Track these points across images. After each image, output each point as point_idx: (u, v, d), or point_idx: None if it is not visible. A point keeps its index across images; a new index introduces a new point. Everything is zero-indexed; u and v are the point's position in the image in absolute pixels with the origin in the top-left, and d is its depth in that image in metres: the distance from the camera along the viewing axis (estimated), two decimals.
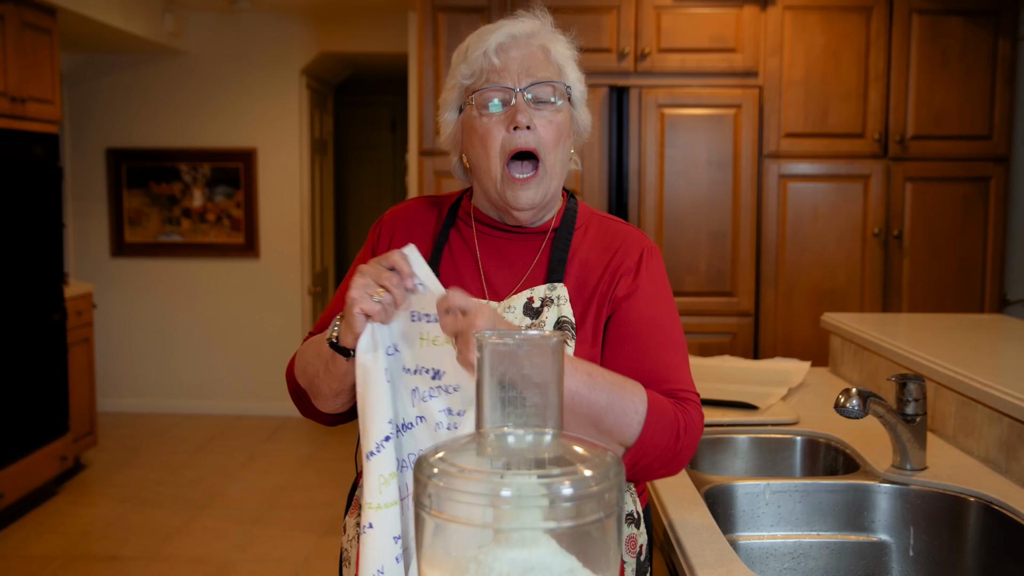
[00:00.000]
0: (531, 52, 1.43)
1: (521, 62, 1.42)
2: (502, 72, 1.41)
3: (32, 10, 4.59)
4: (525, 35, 1.44)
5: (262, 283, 6.60)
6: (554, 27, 1.50)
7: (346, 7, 6.15)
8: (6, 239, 4.44)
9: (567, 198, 1.55)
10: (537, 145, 1.41)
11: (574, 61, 1.50)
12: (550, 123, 1.42)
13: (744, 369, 2.68)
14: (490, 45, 1.42)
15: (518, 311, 1.41)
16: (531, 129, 1.40)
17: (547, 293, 1.41)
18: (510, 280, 1.46)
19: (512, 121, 1.40)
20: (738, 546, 1.77)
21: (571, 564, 0.86)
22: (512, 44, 1.43)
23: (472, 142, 1.45)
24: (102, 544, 4.28)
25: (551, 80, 1.43)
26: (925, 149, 4.03)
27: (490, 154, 1.42)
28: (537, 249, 1.48)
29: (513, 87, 1.41)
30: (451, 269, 1.49)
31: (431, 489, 0.86)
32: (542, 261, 1.47)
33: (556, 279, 1.43)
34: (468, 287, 1.46)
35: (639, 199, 4.00)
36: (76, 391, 5.12)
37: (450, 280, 1.47)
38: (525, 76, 1.41)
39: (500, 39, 1.42)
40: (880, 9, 3.98)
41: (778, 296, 4.05)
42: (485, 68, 1.42)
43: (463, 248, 1.51)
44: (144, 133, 6.52)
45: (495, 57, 1.41)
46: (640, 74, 3.99)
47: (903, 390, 1.83)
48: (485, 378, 0.92)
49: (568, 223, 1.50)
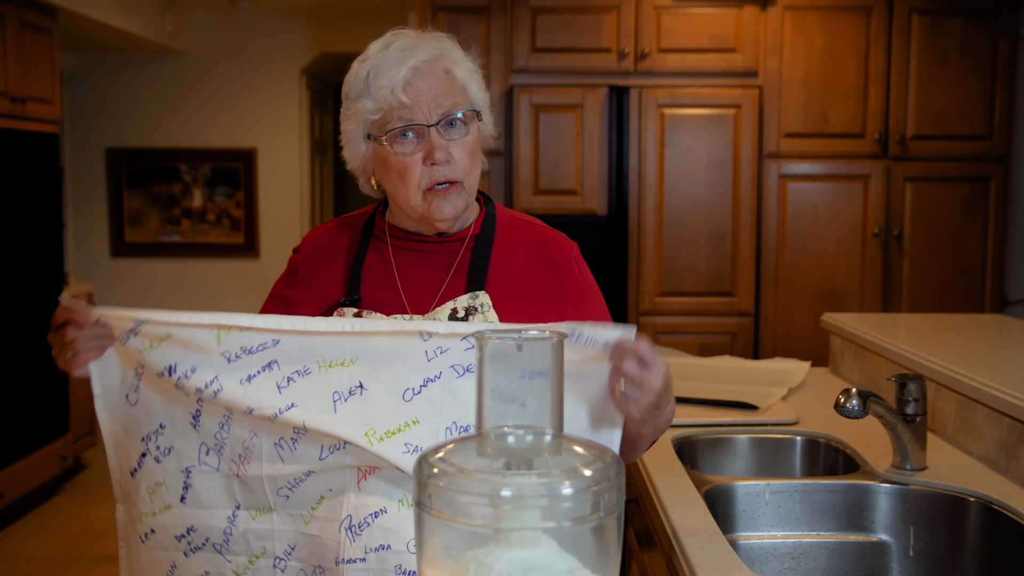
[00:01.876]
0: (437, 80, 1.41)
1: (429, 93, 1.40)
2: (413, 108, 1.39)
3: (32, 10, 4.59)
4: (428, 63, 1.41)
5: (262, 283, 6.59)
6: (449, 39, 1.47)
7: (346, 7, 6.15)
8: (6, 239, 4.44)
9: (484, 203, 1.55)
10: (454, 175, 1.42)
11: (476, 72, 1.48)
12: (463, 147, 1.43)
13: (744, 369, 2.68)
14: (397, 82, 1.38)
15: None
16: (449, 162, 1.41)
17: (470, 302, 1.41)
18: (429, 291, 1.46)
19: (430, 158, 1.40)
20: (738, 546, 1.77)
21: (571, 564, 0.86)
22: (416, 76, 1.39)
23: (388, 174, 1.45)
24: (102, 544, 4.28)
25: (460, 108, 1.42)
26: (925, 149, 4.03)
27: (409, 188, 1.42)
28: (454, 258, 1.48)
29: (426, 122, 1.40)
30: (370, 289, 1.48)
31: (431, 489, 0.86)
32: (461, 270, 1.47)
33: (477, 287, 1.43)
34: (388, 304, 1.45)
35: (639, 199, 4.00)
36: (76, 391, 5.12)
37: (369, 302, 1.46)
38: (436, 108, 1.40)
39: (406, 75, 1.39)
40: (880, 9, 3.98)
41: (778, 296, 4.05)
42: (393, 105, 1.39)
43: (379, 265, 1.51)
44: (144, 133, 6.52)
45: (403, 95, 1.38)
46: (640, 74, 3.99)
47: (903, 390, 1.83)
48: (485, 378, 0.92)
49: (488, 230, 1.50)
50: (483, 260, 1.46)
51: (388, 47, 1.42)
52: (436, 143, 1.40)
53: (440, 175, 1.41)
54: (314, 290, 1.52)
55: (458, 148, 1.42)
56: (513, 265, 1.47)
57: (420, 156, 1.41)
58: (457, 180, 1.42)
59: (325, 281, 1.52)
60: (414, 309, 1.45)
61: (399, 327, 1.28)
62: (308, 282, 1.54)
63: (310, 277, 1.54)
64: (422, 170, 1.41)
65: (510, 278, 1.46)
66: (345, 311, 1.45)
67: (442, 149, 1.40)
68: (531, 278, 1.46)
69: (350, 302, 1.46)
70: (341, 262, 1.53)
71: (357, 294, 1.47)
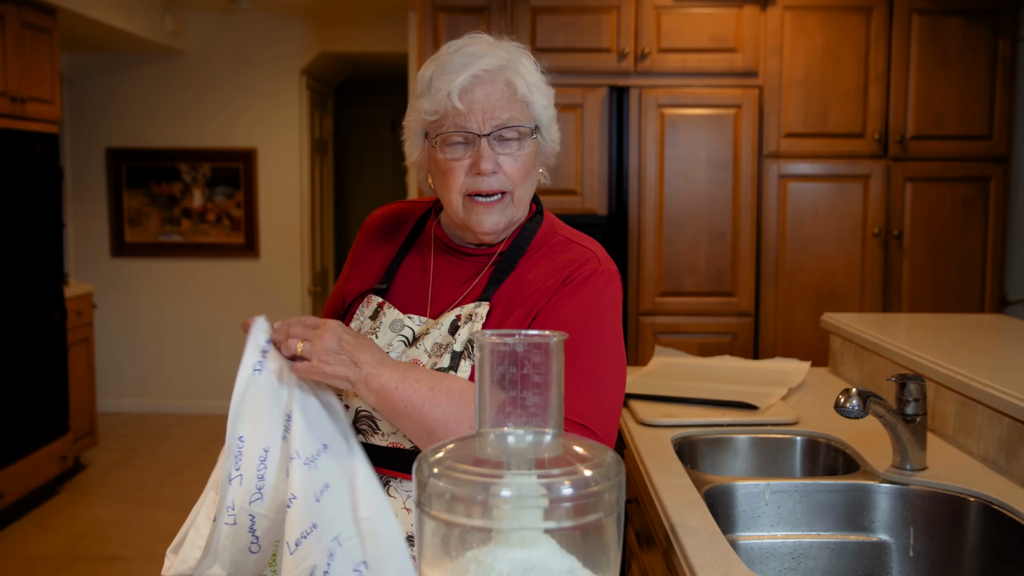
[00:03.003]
0: (496, 91, 1.39)
1: (485, 103, 1.38)
2: (467, 116, 1.38)
3: (32, 10, 4.59)
4: (490, 73, 1.39)
5: (262, 283, 6.60)
6: (521, 49, 1.45)
7: (346, 7, 6.15)
8: (6, 239, 4.44)
9: (533, 214, 1.52)
10: (502, 186, 1.41)
11: (542, 85, 1.45)
12: (515, 160, 1.41)
13: (744, 369, 2.68)
14: (455, 87, 1.37)
15: (444, 329, 1.41)
16: (496, 174, 1.40)
17: (472, 311, 1.41)
18: (453, 298, 1.47)
19: (476, 167, 1.39)
20: (738, 546, 1.77)
21: (571, 564, 0.86)
22: (476, 84, 1.38)
23: (436, 175, 1.46)
24: (102, 544, 4.28)
25: (517, 122, 1.40)
26: (925, 149, 4.03)
27: (452, 192, 1.42)
28: (483, 267, 1.48)
29: (477, 131, 1.39)
30: (404, 284, 1.51)
31: (431, 489, 0.86)
32: (482, 281, 1.47)
33: (484, 298, 1.43)
34: (411, 301, 1.48)
35: (639, 199, 4.00)
36: (76, 391, 5.12)
37: (398, 296, 1.50)
38: (490, 119, 1.39)
39: (464, 81, 1.37)
40: (880, 9, 3.98)
41: (778, 296, 4.05)
42: (449, 109, 1.39)
43: (419, 263, 1.53)
44: (144, 133, 6.52)
45: (458, 101, 1.38)
46: (640, 74, 3.99)
47: (903, 390, 1.83)
48: (485, 378, 0.92)
49: (520, 244, 1.48)
50: (503, 273, 1.45)
51: (458, 51, 1.41)
52: (484, 153, 1.39)
53: (484, 185, 1.40)
54: (361, 271, 1.58)
55: (509, 161, 1.41)
56: (534, 280, 1.44)
57: (467, 163, 1.40)
58: (504, 191, 1.42)
59: (371, 263, 1.58)
60: (435, 313, 1.46)
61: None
62: (359, 260, 1.60)
63: (361, 256, 1.61)
64: (466, 177, 1.41)
65: (522, 292, 1.43)
66: (372, 298, 1.50)
67: (489, 160, 1.39)
68: (542, 292, 1.43)
69: (378, 291, 1.50)
70: (387, 249, 1.57)
71: (387, 284, 1.51)
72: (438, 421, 1.30)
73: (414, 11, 5.12)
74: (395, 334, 1.44)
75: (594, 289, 1.42)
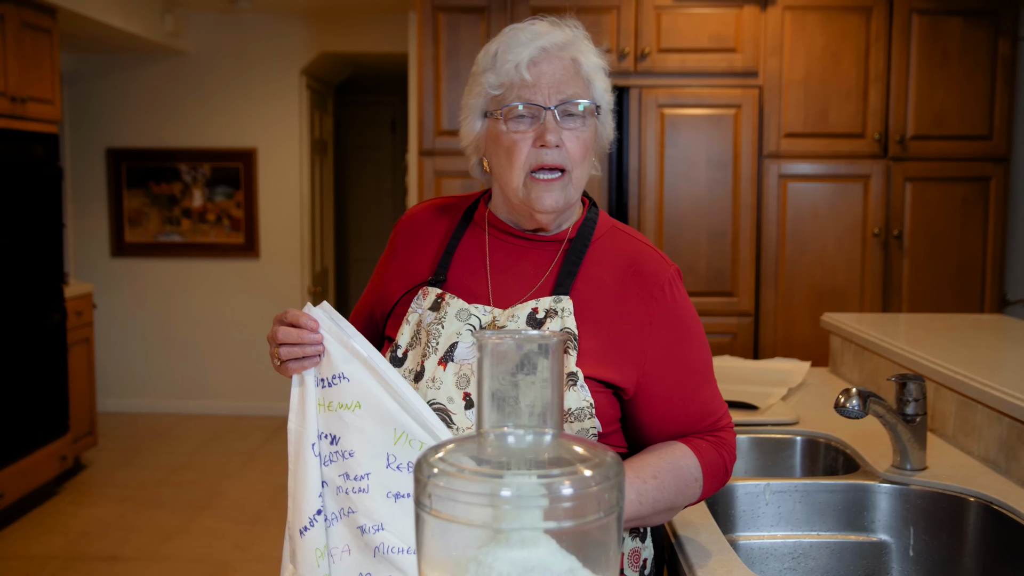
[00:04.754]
0: (563, 66, 1.40)
1: (552, 77, 1.39)
2: (533, 88, 1.39)
3: (32, 10, 4.59)
4: (557, 47, 1.41)
5: (262, 283, 6.60)
6: (581, 31, 1.47)
7: (346, 7, 6.15)
8: (6, 239, 4.44)
9: (588, 207, 1.52)
10: (563, 162, 1.40)
11: (603, 71, 1.47)
12: (578, 139, 1.41)
13: (744, 369, 2.68)
14: (522, 59, 1.39)
15: (522, 321, 1.39)
16: (559, 148, 1.39)
17: (552, 305, 1.40)
18: (518, 289, 1.45)
19: (541, 139, 1.39)
20: (738, 546, 1.77)
21: (571, 564, 0.86)
22: (544, 58, 1.40)
23: (497, 152, 1.44)
24: (102, 544, 4.28)
25: (581, 98, 1.41)
26: (925, 149, 4.03)
27: (515, 166, 1.41)
28: (550, 259, 1.46)
29: (544, 104, 1.39)
30: (460, 274, 1.48)
31: (431, 489, 0.86)
32: (553, 272, 1.45)
33: (563, 291, 1.41)
34: (474, 294, 1.45)
35: (639, 199, 4.00)
36: (76, 391, 5.12)
37: (456, 286, 1.46)
38: (556, 93, 1.39)
39: (532, 53, 1.39)
40: (880, 9, 3.98)
41: (778, 296, 4.05)
42: (515, 82, 1.39)
43: (475, 254, 1.49)
44: (144, 133, 6.52)
45: (526, 72, 1.39)
46: (640, 74, 3.99)
47: (903, 390, 1.83)
48: (485, 378, 0.92)
49: (585, 235, 1.47)
50: (574, 265, 1.43)
51: (523, 29, 1.43)
52: (549, 126, 1.38)
53: (548, 159, 1.39)
54: (405, 266, 1.54)
55: (571, 137, 1.40)
56: (603, 275, 1.44)
57: (532, 136, 1.39)
58: (565, 169, 1.40)
59: (417, 257, 1.53)
60: (498, 302, 1.44)
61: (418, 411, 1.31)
62: (401, 257, 1.56)
63: (404, 251, 1.56)
64: (530, 151, 1.40)
65: (598, 288, 1.43)
66: (429, 290, 1.46)
67: (554, 132, 1.38)
68: (618, 291, 1.43)
69: (435, 282, 1.47)
70: (436, 241, 1.53)
71: (444, 275, 1.47)
72: (674, 497, 1.38)
73: (414, 11, 5.12)
74: (462, 323, 1.41)
75: (680, 290, 1.46)
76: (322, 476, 1.34)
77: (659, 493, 1.35)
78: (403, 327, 1.45)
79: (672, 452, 1.41)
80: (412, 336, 1.44)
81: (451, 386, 1.37)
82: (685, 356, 1.43)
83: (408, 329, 1.45)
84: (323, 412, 1.33)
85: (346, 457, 1.31)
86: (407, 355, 1.43)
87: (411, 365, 1.42)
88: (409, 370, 1.41)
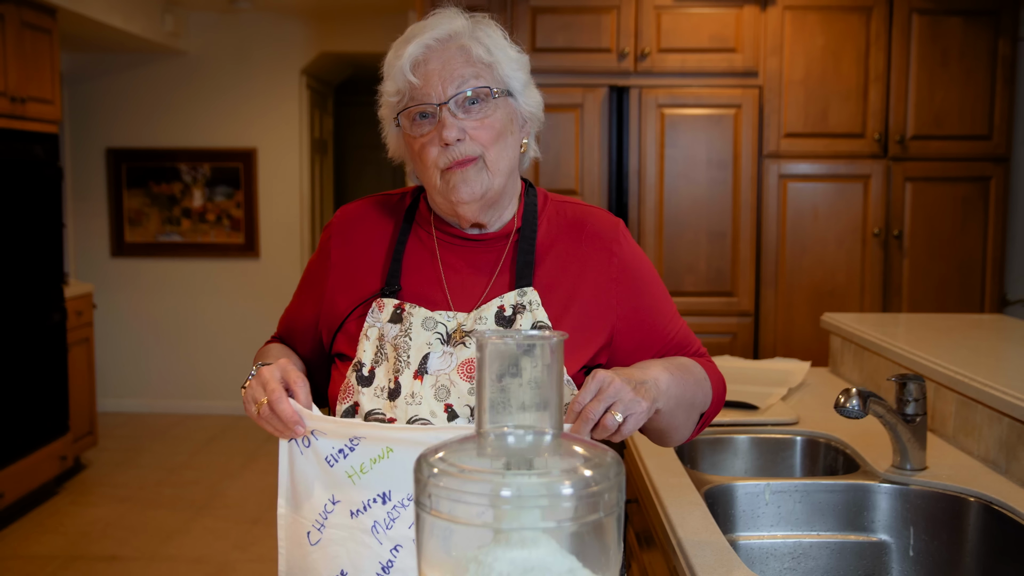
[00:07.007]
0: (450, 58, 1.36)
1: (441, 73, 1.35)
2: (423, 88, 1.36)
3: (32, 10, 4.59)
4: (441, 42, 1.37)
5: (262, 283, 6.60)
6: (479, 20, 1.42)
7: (346, 7, 6.15)
8: (6, 239, 4.44)
9: (525, 191, 1.49)
10: (471, 152, 1.37)
11: (509, 50, 1.42)
12: (483, 124, 1.37)
13: (744, 369, 2.68)
14: (406, 62, 1.36)
15: (490, 321, 1.36)
16: (462, 140, 1.36)
17: (518, 299, 1.37)
18: (475, 289, 1.41)
19: (442, 138, 1.36)
20: (738, 546, 1.77)
21: (571, 564, 0.86)
22: (429, 55, 1.36)
23: (412, 157, 1.42)
24: (102, 544, 4.28)
25: (473, 84, 1.36)
26: (925, 149, 4.03)
27: (428, 169, 1.38)
28: (501, 254, 1.43)
29: (436, 101, 1.36)
30: (413, 281, 1.43)
31: (431, 489, 0.86)
32: (506, 266, 1.42)
33: (525, 284, 1.38)
34: (431, 300, 1.40)
35: (639, 199, 4.00)
36: (76, 391, 5.12)
37: (412, 294, 1.42)
38: (448, 86, 1.36)
39: (415, 53, 1.36)
40: (880, 9, 3.98)
41: (778, 296, 4.05)
42: (406, 87, 1.37)
43: (424, 257, 1.44)
44: (144, 133, 6.52)
45: (412, 75, 1.36)
46: (640, 74, 3.99)
47: (903, 390, 1.83)
48: (485, 378, 0.92)
49: (530, 220, 1.44)
50: (528, 254, 1.41)
51: (413, 28, 1.41)
52: (446, 122, 1.35)
53: (455, 153, 1.36)
54: (349, 276, 1.46)
55: (475, 124, 1.36)
56: (560, 250, 1.42)
57: (436, 136, 1.36)
58: (475, 156, 1.37)
59: (360, 265, 1.47)
60: (458, 306, 1.40)
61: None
62: (341, 266, 1.48)
63: (344, 260, 1.48)
64: (439, 151, 1.36)
65: (557, 265, 1.41)
66: (385, 302, 1.40)
67: (452, 128, 1.35)
68: (579, 259, 1.41)
69: (390, 292, 1.41)
70: (379, 247, 1.47)
71: (397, 284, 1.42)
72: (694, 393, 1.43)
73: (414, 11, 5.12)
74: (430, 332, 1.37)
75: (628, 238, 1.49)
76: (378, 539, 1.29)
77: (680, 381, 1.38)
78: (363, 343, 1.38)
79: (673, 356, 1.47)
80: (376, 352, 1.38)
81: (431, 400, 1.33)
82: (651, 300, 1.46)
83: (369, 345, 1.38)
84: (357, 480, 1.27)
85: (406, 505, 1.27)
86: (374, 372, 1.36)
87: (381, 383, 1.35)
88: (381, 388, 1.35)
